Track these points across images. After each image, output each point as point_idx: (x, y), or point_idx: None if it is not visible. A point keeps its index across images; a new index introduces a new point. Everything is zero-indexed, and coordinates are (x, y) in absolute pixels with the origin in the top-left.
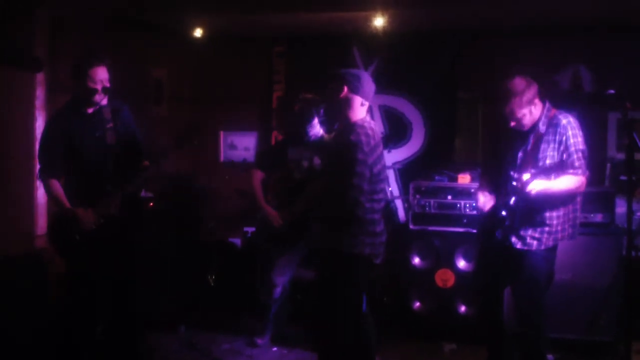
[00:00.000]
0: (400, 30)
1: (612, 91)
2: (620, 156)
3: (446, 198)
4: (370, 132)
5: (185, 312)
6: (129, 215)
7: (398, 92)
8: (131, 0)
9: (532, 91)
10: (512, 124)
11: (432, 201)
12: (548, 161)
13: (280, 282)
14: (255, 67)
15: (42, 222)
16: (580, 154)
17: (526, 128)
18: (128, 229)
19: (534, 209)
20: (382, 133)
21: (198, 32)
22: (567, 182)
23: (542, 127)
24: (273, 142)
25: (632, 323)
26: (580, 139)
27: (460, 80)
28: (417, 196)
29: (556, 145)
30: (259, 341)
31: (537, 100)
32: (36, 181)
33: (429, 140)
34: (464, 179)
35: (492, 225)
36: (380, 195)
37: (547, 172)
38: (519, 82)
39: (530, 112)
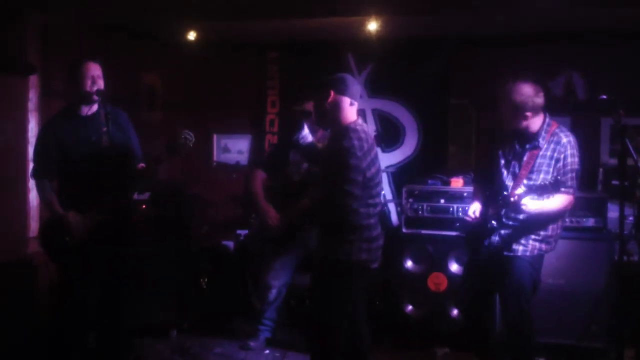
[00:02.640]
0: (394, 36)
1: (604, 97)
2: (613, 161)
3: (439, 202)
4: (363, 135)
5: (177, 316)
6: (121, 220)
7: (391, 97)
8: (124, 8)
9: (539, 99)
10: (519, 124)
11: (425, 205)
12: (542, 176)
13: (276, 284)
14: (249, 72)
15: (34, 226)
16: (574, 174)
17: (524, 132)
18: (120, 235)
19: (525, 222)
20: (375, 131)
21: (191, 38)
22: (560, 201)
23: (541, 142)
24: (267, 146)
25: (624, 329)
26: (577, 159)
27: (454, 86)
28: (410, 200)
29: (553, 162)
30: (252, 344)
31: (540, 110)
32: (28, 184)
33: (422, 145)
34: (457, 182)
35: (481, 233)
36: (376, 200)
37: (541, 190)
38: (527, 87)
39: (533, 119)
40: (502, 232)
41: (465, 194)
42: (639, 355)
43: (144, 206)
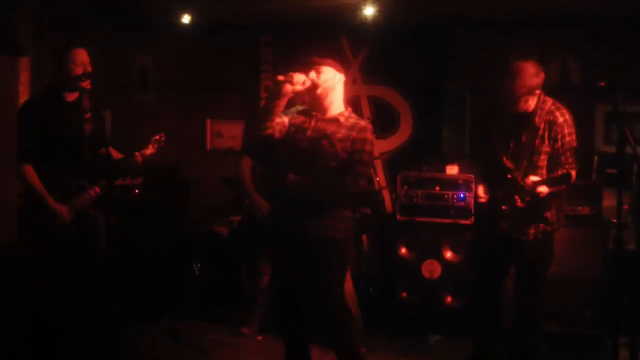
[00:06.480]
0: (389, 20)
1: (602, 83)
2: (608, 149)
3: (434, 189)
4: None
5: (169, 302)
6: (103, 211)
7: (386, 83)
8: None
9: (541, 77)
10: (526, 103)
11: (419, 192)
12: (542, 157)
13: (268, 271)
14: (243, 55)
15: None
16: (573, 151)
17: (520, 111)
18: (100, 224)
19: (534, 204)
20: (369, 118)
21: (185, 20)
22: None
23: (537, 120)
24: None
25: (618, 316)
26: (574, 136)
27: (450, 71)
28: (405, 187)
29: (551, 142)
30: (245, 330)
31: (538, 90)
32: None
33: (417, 131)
34: (452, 169)
35: (492, 217)
36: None
37: (555, 181)
38: (532, 64)
39: (527, 100)
40: (513, 215)
41: (460, 181)
42: (633, 343)
43: (136, 191)
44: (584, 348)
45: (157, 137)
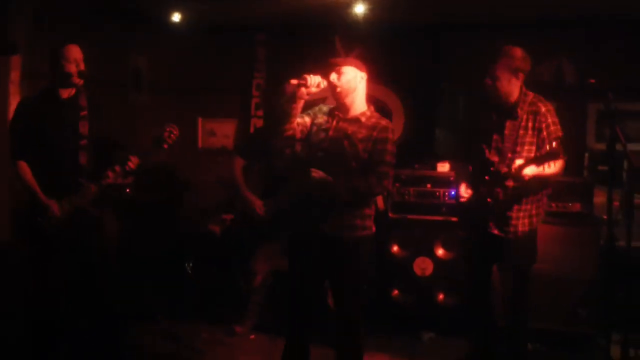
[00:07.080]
0: (383, 19)
1: (592, 81)
2: (599, 146)
3: (426, 187)
4: None
5: (163, 301)
6: (101, 209)
7: (379, 81)
8: None
9: (525, 64)
10: (510, 85)
11: (411, 190)
12: (526, 147)
13: (261, 270)
14: (237, 55)
15: None
16: (559, 140)
17: (497, 99)
18: (99, 223)
19: (519, 196)
20: None
21: (179, 20)
22: (555, 166)
23: (519, 112)
24: (252, 130)
25: (611, 314)
26: (559, 126)
27: (444, 70)
28: (397, 185)
29: (535, 132)
30: (238, 329)
31: (521, 77)
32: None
33: (409, 130)
34: (443, 167)
35: (476, 214)
36: None
37: (540, 160)
38: (521, 50)
39: (509, 83)
40: (496, 210)
41: (451, 179)
42: (626, 340)
43: (127, 190)
44: (579, 347)
45: (168, 130)
